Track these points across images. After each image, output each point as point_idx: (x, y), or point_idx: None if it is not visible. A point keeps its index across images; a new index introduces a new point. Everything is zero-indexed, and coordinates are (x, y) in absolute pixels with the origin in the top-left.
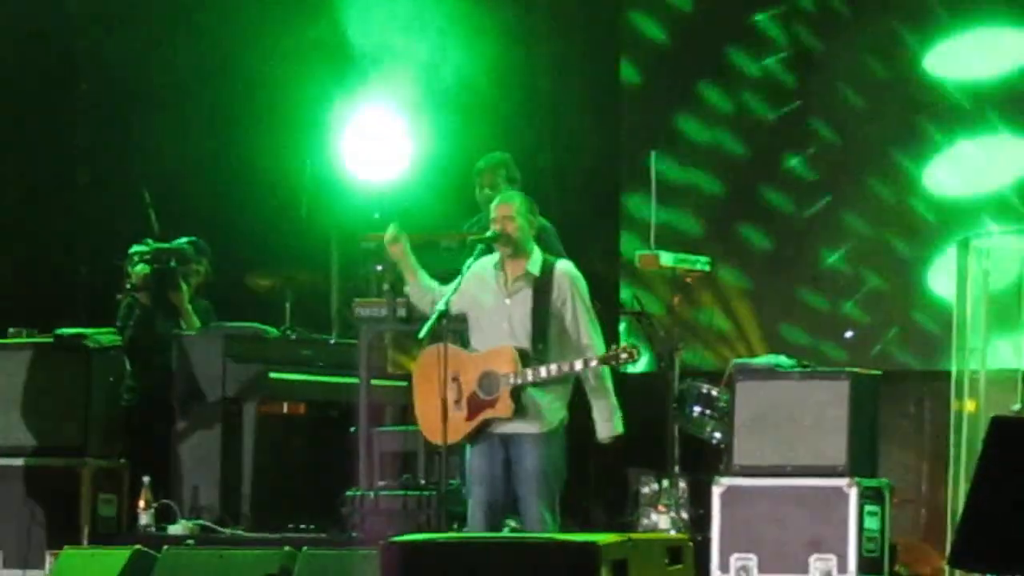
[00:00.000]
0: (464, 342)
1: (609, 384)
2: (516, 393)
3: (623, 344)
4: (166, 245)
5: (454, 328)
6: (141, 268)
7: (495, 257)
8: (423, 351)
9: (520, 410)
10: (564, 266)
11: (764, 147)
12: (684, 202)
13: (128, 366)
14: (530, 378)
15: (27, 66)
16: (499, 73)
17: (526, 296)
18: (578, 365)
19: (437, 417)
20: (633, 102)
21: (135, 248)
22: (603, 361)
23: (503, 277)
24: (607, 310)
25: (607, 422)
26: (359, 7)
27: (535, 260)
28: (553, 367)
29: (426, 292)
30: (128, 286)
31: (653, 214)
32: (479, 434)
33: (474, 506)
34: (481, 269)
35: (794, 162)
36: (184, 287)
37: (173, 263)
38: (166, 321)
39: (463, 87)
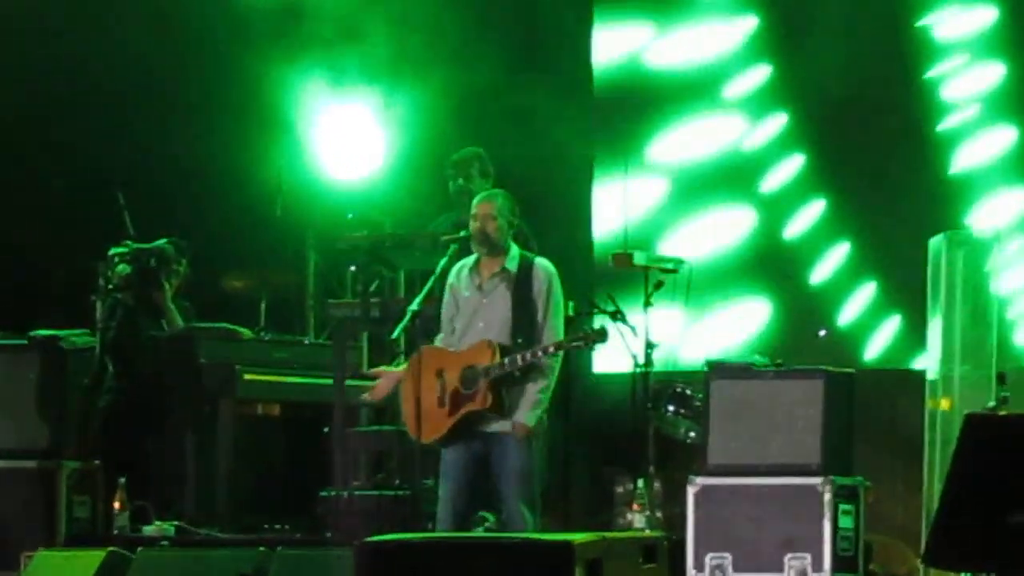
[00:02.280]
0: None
1: (551, 380)
2: (495, 387)
3: (588, 330)
4: (146, 245)
5: (429, 325)
6: (122, 268)
7: (472, 258)
8: (414, 355)
9: (498, 404)
10: (542, 262)
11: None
12: (658, 199)
13: (110, 367)
14: (507, 368)
15: (1, 68)
16: (469, 68)
17: (503, 293)
18: (551, 349)
19: (419, 416)
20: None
21: (115, 249)
22: (570, 343)
23: (478, 276)
24: (581, 309)
25: (526, 410)
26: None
27: (512, 257)
28: (527, 354)
29: None
30: (109, 287)
31: (626, 213)
32: (461, 430)
33: (444, 501)
34: (456, 271)
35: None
36: (166, 286)
37: (153, 262)
38: (148, 321)
39: (433, 84)
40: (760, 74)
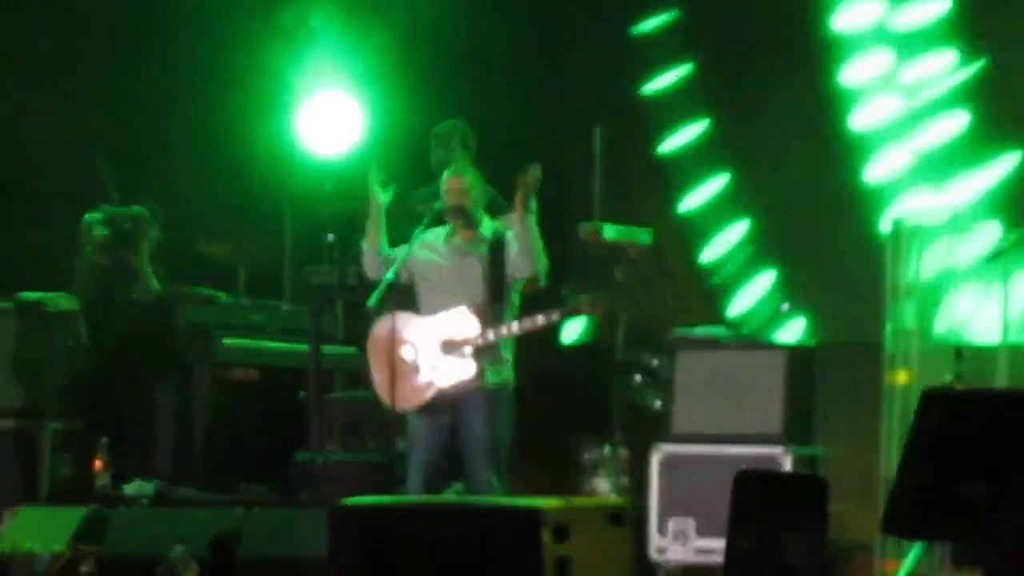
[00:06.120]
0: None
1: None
2: (479, 353)
3: (583, 297)
4: (122, 209)
5: (405, 295)
6: (99, 231)
7: (446, 227)
8: (376, 321)
9: (481, 373)
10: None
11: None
12: (630, 175)
13: (85, 330)
14: (492, 337)
15: None
16: (447, 45)
17: (480, 259)
18: (540, 319)
19: (395, 384)
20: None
21: (90, 215)
22: (566, 313)
23: (454, 243)
24: (553, 280)
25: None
26: None
27: (487, 225)
28: (515, 325)
29: (380, 259)
30: (87, 249)
31: (597, 188)
32: (437, 399)
33: (413, 468)
34: (431, 238)
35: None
36: (142, 249)
37: (128, 226)
38: (124, 284)
39: (412, 60)
40: None
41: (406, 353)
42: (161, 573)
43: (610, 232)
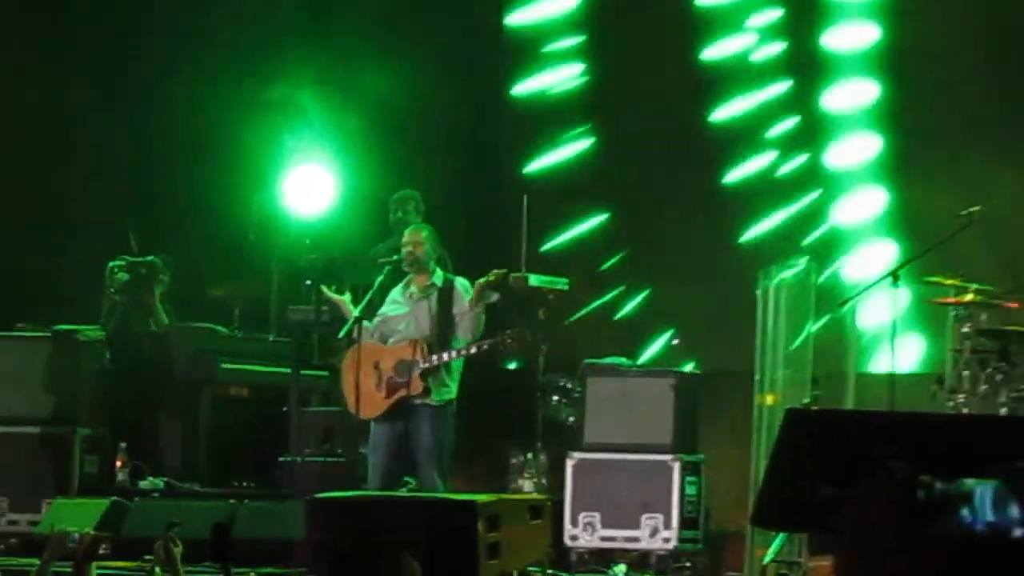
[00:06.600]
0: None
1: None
2: (425, 375)
3: (508, 332)
4: (139, 259)
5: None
6: (121, 276)
7: (405, 278)
8: (351, 348)
9: (427, 390)
10: (461, 281)
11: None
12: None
13: (108, 355)
14: (435, 361)
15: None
16: (405, 127)
17: (430, 303)
18: (473, 349)
19: (359, 397)
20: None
21: (113, 262)
22: (493, 346)
23: (410, 291)
24: (488, 317)
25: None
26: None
27: (438, 275)
28: (453, 352)
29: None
30: (110, 291)
31: (524, 244)
32: (393, 409)
33: (372, 468)
34: (394, 294)
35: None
36: (156, 291)
37: (144, 271)
38: (140, 319)
39: (376, 139)
40: None
41: (370, 374)
42: (157, 548)
43: (534, 280)
